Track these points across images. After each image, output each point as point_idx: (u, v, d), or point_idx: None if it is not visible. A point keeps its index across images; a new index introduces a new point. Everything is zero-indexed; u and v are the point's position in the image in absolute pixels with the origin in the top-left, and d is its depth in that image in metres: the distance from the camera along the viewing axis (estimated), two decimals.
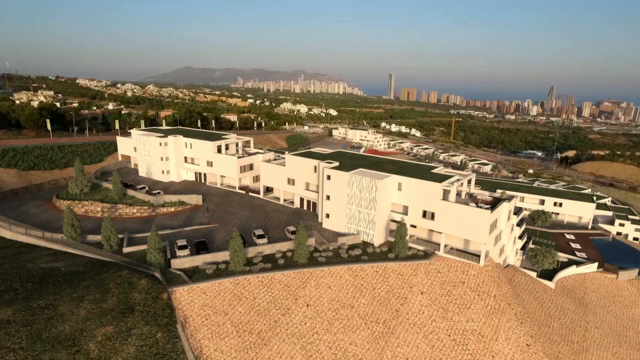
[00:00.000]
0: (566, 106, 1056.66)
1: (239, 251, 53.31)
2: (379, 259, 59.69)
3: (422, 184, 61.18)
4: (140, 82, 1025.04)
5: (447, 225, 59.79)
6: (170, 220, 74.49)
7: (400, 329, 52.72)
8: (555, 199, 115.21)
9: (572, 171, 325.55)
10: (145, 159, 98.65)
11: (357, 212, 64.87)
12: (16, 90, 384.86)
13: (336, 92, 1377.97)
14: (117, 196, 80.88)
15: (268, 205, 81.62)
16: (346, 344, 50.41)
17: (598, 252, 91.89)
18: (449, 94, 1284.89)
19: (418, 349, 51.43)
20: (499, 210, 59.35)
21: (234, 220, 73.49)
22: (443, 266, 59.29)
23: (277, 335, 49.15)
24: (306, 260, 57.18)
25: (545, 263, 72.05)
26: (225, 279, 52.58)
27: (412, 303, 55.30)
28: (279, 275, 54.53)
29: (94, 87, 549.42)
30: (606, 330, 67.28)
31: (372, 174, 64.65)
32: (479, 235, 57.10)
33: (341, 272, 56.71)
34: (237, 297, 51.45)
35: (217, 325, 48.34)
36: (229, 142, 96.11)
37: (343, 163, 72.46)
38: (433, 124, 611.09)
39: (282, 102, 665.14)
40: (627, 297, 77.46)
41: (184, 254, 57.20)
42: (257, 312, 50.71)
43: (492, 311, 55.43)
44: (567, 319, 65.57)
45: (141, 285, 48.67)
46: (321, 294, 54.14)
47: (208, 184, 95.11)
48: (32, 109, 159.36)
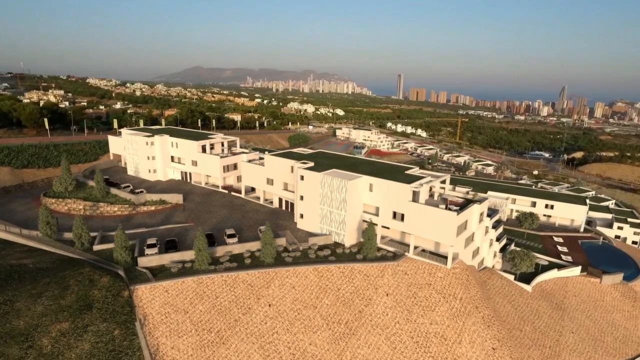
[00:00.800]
0: (578, 107, 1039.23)
1: (203, 250, 53.74)
2: (346, 259, 59.61)
3: (391, 185, 60.94)
4: (150, 81, 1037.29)
5: (416, 227, 59.46)
6: (149, 218, 75.37)
7: (362, 330, 52.60)
8: (547, 201, 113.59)
9: (578, 173, 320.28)
10: (133, 158, 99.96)
11: (329, 213, 64.88)
12: (27, 90, 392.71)
13: (345, 92, 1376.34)
14: (100, 194, 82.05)
15: (248, 205, 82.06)
16: (306, 344, 50.48)
17: (585, 255, 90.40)
18: (458, 94, 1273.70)
19: (379, 351, 51.25)
20: (468, 212, 58.78)
21: (210, 219, 74.05)
22: (411, 268, 58.96)
23: (236, 335, 49.45)
24: (272, 260, 57.37)
25: (523, 266, 71.01)
26: (188, 277, 53.05)
27: (377, 304, 55.12)
28: (243, 275, 54.82)
29: (104, 86, 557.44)
30: (582, 335, 66.16)
31: (343, 174, 64.58)
32: (446, 237, 56.67)
33: (307, 272, 56.76)
34: (199, 296, 51.87)
35: (176, 324, 48.82)
36: (214, 141, 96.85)
37: (320, 164, 72.49)
38: (440, 124, 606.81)
39: (289, 102, 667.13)
40: (609, 302, 76.05)
41: (152, 252, 57.88)
42: (217, 311, 51.07)
43: (457, 314, 54.96)
44: (542, 323, 64.63)
45: (102, 282, 49.37)
46: (284, 293, 54.28)
47: (193, 183, 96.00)
48: (32, 108, 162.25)
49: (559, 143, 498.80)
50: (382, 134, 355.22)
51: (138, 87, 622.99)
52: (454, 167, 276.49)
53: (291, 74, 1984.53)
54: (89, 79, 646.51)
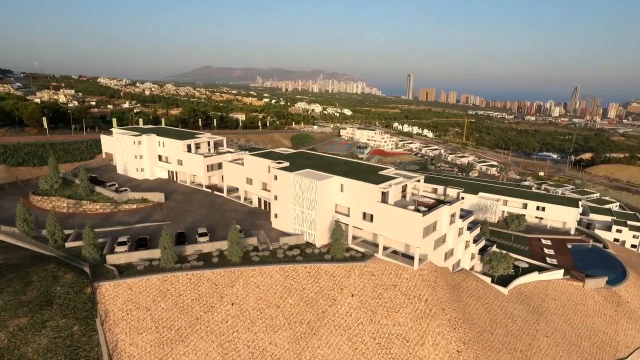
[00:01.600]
0: (591, 107, 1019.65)
1: (168, 248, 54.37)
2: (314, 259, 59.68)
3: (361, 185, 60.82)
4: (160, 81, 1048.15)
5: (384, 228, 59.25)
6: (129, 217, 76.42)
7: (323, 330, 52.62)
8: (538, 203, 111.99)
9: (585, 174, 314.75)
10: (122, 157, 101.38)
11: (300, 213, 65.02)
12: (39, 89, 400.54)
13: (354, 92, 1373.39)
14: (84, 192, 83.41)
15: (228, 204, 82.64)
16: (266, 343, 50.72)
17: (571, 258, 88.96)
18: (468, 94, 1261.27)
19: (339, 351, 51.23)
20: (436, 213, 58.32)
21: (188, 218, 74.79)
22: (378, 269, 58.76)
23: (195, 333, 49.92)
24: (239, 259, 57.73)
25: (500, 268, 70.16)
26: (153, 275, 53.71)
27: (341, 305, 55.08)
28: (208, 273, 55.30)
29: (114, 86, 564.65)
30: (557, 339, 65.15)
31: (315, 174, 64.65)
32: (413, 238, 56.36)
33: (272, 271, 56.99)
34: (162, 294, 52.49)
35: (137, 320, 49.48)
36: (201, 141, 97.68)
37: (296, 164, 72.61)
38: (448, 125, 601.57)
39: (297, 102, 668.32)
40: (590, 306, 74.72)
41: (121, 250, 58.72)
42: (179, 309, 51.61)
43: (422, 315, 54.62)
44: (515, 327, 63.82)
45: (66, 279, 50.28)
46: (248, 293, 54.59)
47: (179, 182, 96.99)
48: (33, 107, 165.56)
49: (568, 144, 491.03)
50: (386, 134, 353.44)
51: (147, 86, 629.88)
52: (458, 167, 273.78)
53: (301, 73, 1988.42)
54: (100, 78, 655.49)
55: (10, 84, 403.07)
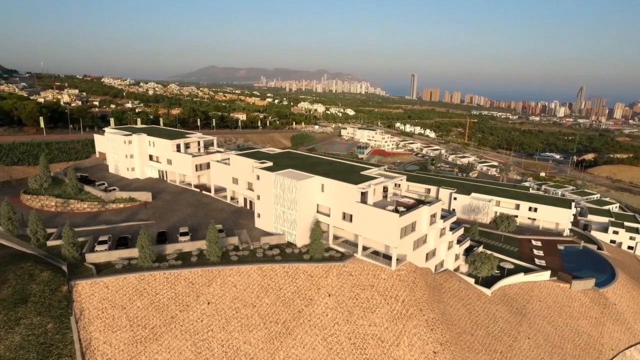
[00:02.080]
0: (596, 107, 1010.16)
1: (146, 247, 54.67)
2: (293, 259, 59.73)
3: (340, 185, 60.81)
4: (165, 81, 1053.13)
5: (363, 228, 59.21)
6: (115, 216, 76.90)
7: (299, 330, 52.66)
8: (530, 204, 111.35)
9: (587, 175, 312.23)
10: (114, 157, 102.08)
11: (282, 213, 65.12)
12: (44, 89, 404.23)
13: (358, 92, 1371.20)
14: (72, 191, 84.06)
15: (214, 204, 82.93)
16: (240, 342, 50.85)
17: (560, 260, 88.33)
18: (472, 94, 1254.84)
19: (314, 351, 51.24)
20: (414, 213, 58.10)
21: (172, 217, 75.16)
22: (356, 269, 58.70)
23: (170, 331, 50.17)
24: (218, 258, 57.91)
25: (483, 270, 69.89)
26: (131, 274, 54.02)
27: (317, 305, 55.09)
28: (186, 273, 55.53)
29: (118, 85, 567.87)
30: (539, 341, 64.70)
31: (296, 174, 64.72)
32: (390, 239, 56.25)
33: (250, 271, 57.12)
34: (139, 292, 52.79)
35: (112, 319, 49.82)
36: (190, 140, 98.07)
37: (280, 164, 72.70)
38: (451, 125, 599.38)
39: (300, 102, 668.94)
40: (576, 308, 74.15)
41: (102, 248, 59.14)
42: (155, 307, 51.89)
43: (398, 316, 54.50)
44: (496, 328, 63.47)
45: (42, 277, 50.73)
46: (225, 292, 54.76)
47: (169, 181, 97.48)
48: (32, 106, 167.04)
49: (572, 145, 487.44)
50: (386, 134, 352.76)
51: (151, 86, 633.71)
52: (458, 168, 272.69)
53: (305, 73, 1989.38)
54: (104, 78, 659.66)
55: (15, 84, 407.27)
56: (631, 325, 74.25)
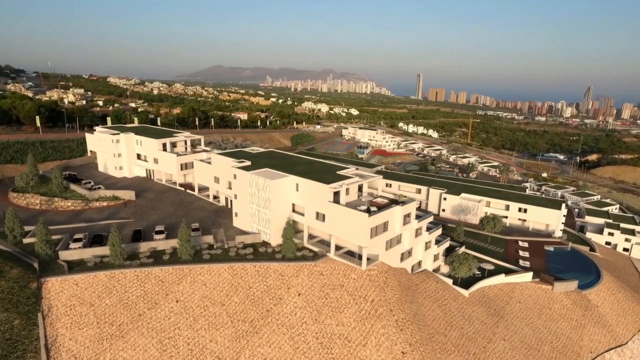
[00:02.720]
0: (604, 107, 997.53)
1: (117, 245, 55.11)
2: (265, 258, 59.85)
3: (313, 185, 60.80)
4: (171, 80, 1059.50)
5: (335, 227, 59.16)
6: (97, 214, 77.60)
7: (266, 329, 52.74)
8: (520, 205, 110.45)
9: (590, 175, 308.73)
10: (103, 155, 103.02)
11: (257, 212, 65.28)
12: (50, 89, 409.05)
13: (363, 92, 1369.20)
14: (58, 190, 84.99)
15: (197, 203, 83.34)
16: (206, 340, 51.08)
17: (545, 261, 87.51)
18: (478, 94, 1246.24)
19: (280, 350, 51.30)
20: (386, 213, 57.84)
21: (153, 215, 75.66)
22: (327, 268, 58.65)
23: (136, 329, 50.54)
24: (189, 256, 58.20)
25: (461, 270, 69.49)
26: (101, 271, 54.53)
27: (286, 304, 55.13)
28: (156, 271, 55.89)
29: (123, 85, 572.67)
30: (515, 343, 64.15)
31: (271, 174, 64.79)
32: (360, 238, 56.14)
33: (221, 270, 57.33)
34: (108, 290, 53.25)
35: (79, 316, 50.31)
36: (177, 140, 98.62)
37: (260, 163, 72.80)
38: (455, 125, 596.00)
39: (304, 101, 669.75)
40: (557, 310, 73.41)
41: (76, 246, 59.69)
42: (123, 305, 52.30)
43: (366, 316, 54.36)
44: (471, 329, 63.02)
45: (12, 274, 51.38)
46: (194, 290, 55.03)
47: (155, 180, 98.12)
48: (30, 106, 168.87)
49: (577, 145, 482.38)
50: (387, 134, 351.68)
51: (156, 85, 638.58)
52: (459, 168, 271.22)
53: (310, 73, 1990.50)
54: (110, 77, 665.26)
55: (22, 83, 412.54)
56: (613, 328, 73.35)
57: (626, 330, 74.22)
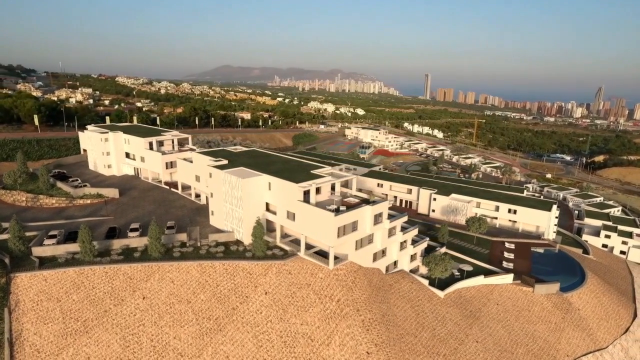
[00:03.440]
0: (615, 108, 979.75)
1: (87, 242, 55.82)
2: (236, 257, 60.10)
3: (284, 184, 60.88)
4: (181, 80, 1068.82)
5: (304, 227, 59.18)
6: (79, 211, 78.68)
7: (230, 327, 52.99)
8: (510, 206, 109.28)
9: (595, 177, 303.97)
10: (92, 154, 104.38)
11: (231, 210, 65.59)
12: (58, 88, 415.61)
13: (371, 91, 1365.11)
14: (44, 187, 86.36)
15: (179, 201, 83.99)
16: (170, 337, 51.49)
17: (530, 263, 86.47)
18: (487, 94, 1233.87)
19: (243, 348, 51.50)
20: (353, 213, 57.60)
21: (132, 213, 76.44)
22: (296, 267, 58.69)
23: (101, 325, 51.17)
24: (159, 254, 58.70)
25: (436, 271, 68.98)
26: (70, 268, 55.29)
27: (253, 302, 55.32)
28: (125, 267, 56.50)
29: (131, 84, 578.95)
30: (489, 345, 63.49)
31: (245, 172, 65.02)
32: (327, 238, 56.07)
33: (190, 267, 57.74)
34: (76, 286, 53.98)
35: (46, 311, 51.11)
36: (165, 138, 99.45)
37: (238, 162, 73.08)
38: (462, 125, 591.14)
39: (311, 101, 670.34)
40: (536, 312, 72.46)
41: (49, 242, 60.58)
42: (90, 301, 52.99)
43: (331, 315, 54.28)
44: (444, 330, 62.54)
45: None
46: (162, 287, 55.51)
47: (142, 178, 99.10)
48: (31, 105, 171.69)
49: (585, 145, 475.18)
50: (390, 134, 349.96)
51: (163, 85, 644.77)
52: (461, 169, 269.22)
53: (318, 73, 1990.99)
54: (118, 77, 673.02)
55: (32, 83, 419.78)
56: (593, 332, 72.21)
57: (607, 334, 73.00)
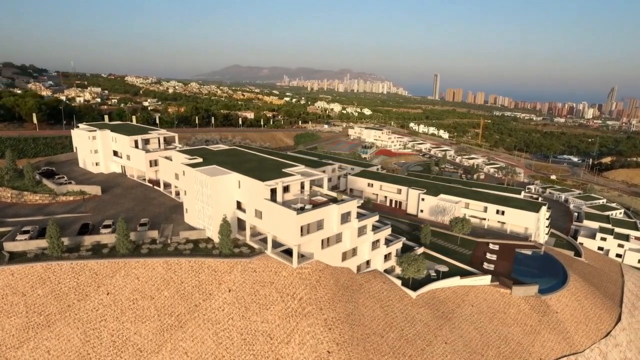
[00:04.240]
0: (628, 109, 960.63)
1: (54, 238, 56.68)
2: (203, 254, 60.48)
3: (252, 182, 61.07)
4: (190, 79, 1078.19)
5: (270, 225, 59.28)
6: (61, 208, 79.92)
7: (191, 323, 53.34)
8: (498, 207, 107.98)
9: (601, 178, 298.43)
10: (82, 152, 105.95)
11: (202, 208, 66.01)
12: (68, 87, 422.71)
13: (380, 91, 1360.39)
14: (30, 184, 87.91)
15: (159, 199, 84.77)
16: (131, 333, 52.04)
17: (511, 264, 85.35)
18: (496, 95, 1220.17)
19: (202, 345, 51.80)
20: (318, 212, 57.45)
21: (110, 211, 77.35)
22: (261, 265, 58.81)
23: (64, 319, 51.94)
24: (127, 250, 59.33)
25: (409, 271, 68.48)
26: (38, 263, 56.25)
27: (216, 299, 55.59)
28: (92, 263, 57.25)
29: (139, 84, 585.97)
30: (458, 346, 62.82)
31: (215, 171, 65.37)
32: (290, 236, 56.08)
33: (156, 264, 58.27)
34: (42, 281, 54.88)
35: (10, 305, 52.05)
36: (150, 137, 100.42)
37: (213, 160, 73.46)
38: (469, 126, 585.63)
39: (317, 101, 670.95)
40: (512, 315, 71.49)
41: (22, 238, 61.62)
42: (55, 296, 53.80)
43: (292, 314, 54.27)
44: (412, 331, 62.07)
45: None
46: (127, 283, 56.12)
47: (129, 176, 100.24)
48: (32, 103, 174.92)
49: (594, 147, 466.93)
50: (393, 134, 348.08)
51: (171, 84, 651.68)
52: (463, 169, 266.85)
53: (327, 73, 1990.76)
54: (127, 76, 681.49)
55: (42, 83, 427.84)
56: (570, 335, 70.98)
57: (585, 338, 71.68)
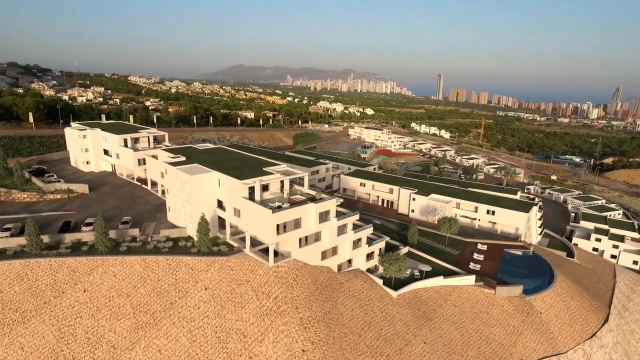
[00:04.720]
0: (633, 109, 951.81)
1: (32, 235, 57.07)
2: (181, 252, 60.64)
3: (230, 181, 61.16)
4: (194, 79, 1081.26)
5: (248, 223, 59.35)
6: (47, 206, 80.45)
7: (166, 321, 53.51)
8: (488, 207, 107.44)
9: (602, 179, 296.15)
10: (73, 150, 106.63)
11: (183, 206, 66.21)
12: (71, 87, 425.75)
13: (383, 91, 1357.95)
14: (19, 182, 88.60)
15: (145, 197, 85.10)
16: (105, 330, 52.30)
17: (498, 265, 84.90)
18: (500, 95, 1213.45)
19: (176, 343, 51.96)
20: (295, 210, 57.37)
21: (95, 209, 77.74)
22: (238, 264, 58.88)
23: (39, 316, 52.28)
24: (105, 248, 59.59)
25: (390, 270, 68.31)
26: (17, 260, 56.63)
27: (192, 297, 55.74)
28: (70, 261, 57.58)
29: (143, 84, 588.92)
30: (437, 346, 62.56)
31: (196, 169, 65.53)
32: (266, 235, 56.13)
33: (134, 262, 58.51)
34: (20, 278, 55.26)
35: None
36: (140, 136, 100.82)
37: (196, 159, 73.61)
38: (472, 126, 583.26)
39: (320, 101, 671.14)
40: (495, 315, 71.10)
41: (3, 235, 62.13)
42: (32, 292, 54.17)
43: (267, 312, 54.29)
44: (391, 331, 61.89)
45: None
46: (104, 281, 56.39)
47: (118, 175, 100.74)
48: (30, 103, 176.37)
49: (597, 147, 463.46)
50: (394, 134, 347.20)
51: (174, 84, 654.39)
52: (463, 169, 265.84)
53: (331, 73, 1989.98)
54: (131, 76, 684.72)
55: (46, 82, 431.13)
56: (554, 336, 70.47)
57: (569, 339, 71.15)
